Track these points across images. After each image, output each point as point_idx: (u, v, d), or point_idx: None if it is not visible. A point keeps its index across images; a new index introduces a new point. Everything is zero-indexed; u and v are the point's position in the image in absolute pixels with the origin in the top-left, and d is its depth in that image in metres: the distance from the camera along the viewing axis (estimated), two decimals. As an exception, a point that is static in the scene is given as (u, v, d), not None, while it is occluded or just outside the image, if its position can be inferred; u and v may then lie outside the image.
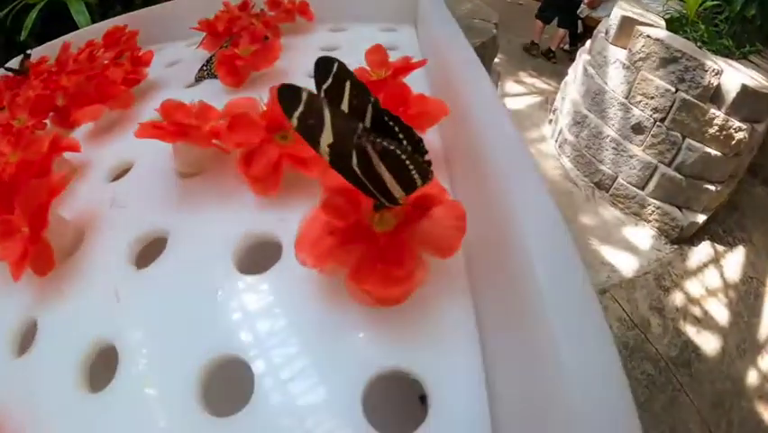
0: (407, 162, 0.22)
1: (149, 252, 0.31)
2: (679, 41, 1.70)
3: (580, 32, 2.90)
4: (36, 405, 0.25)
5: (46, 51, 0.74)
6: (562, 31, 2.93)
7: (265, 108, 0.32)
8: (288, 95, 0.22)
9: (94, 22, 1.26)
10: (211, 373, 0.24)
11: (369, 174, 0.22)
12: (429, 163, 0.23)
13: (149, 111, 0.48)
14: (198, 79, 0.52)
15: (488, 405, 0.22)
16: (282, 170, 0.30)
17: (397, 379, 0.23)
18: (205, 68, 0.51)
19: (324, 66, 0.25)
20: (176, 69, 0.59)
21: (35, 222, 0.30)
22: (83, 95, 0.48)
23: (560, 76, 2.52)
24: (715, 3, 1.86)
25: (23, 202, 0.31)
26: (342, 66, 0.25)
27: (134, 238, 0.31)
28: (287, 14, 0.58)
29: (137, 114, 0.49)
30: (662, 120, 1.71)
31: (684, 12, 1.91)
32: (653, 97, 1.71)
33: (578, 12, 2.82)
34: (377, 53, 0.40)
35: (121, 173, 0.40)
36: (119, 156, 0.42)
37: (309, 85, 0.45)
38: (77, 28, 1.27)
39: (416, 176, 0.22)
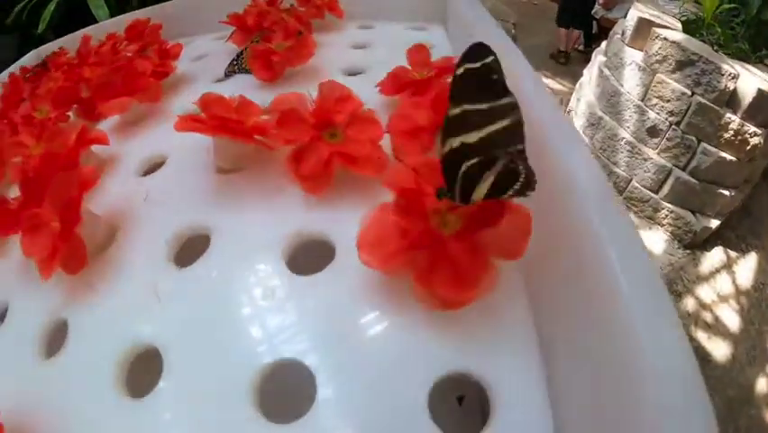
0: (519, 188, 0.21)
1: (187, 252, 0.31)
2: (695, 44, 1.68)
3: (595, 33, 2.89)
4: (70, 410, 0.25)
5: (64, 45, 0.73)
6: (576, 31, 2.91)
7: (314, 104, 0.31)
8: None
9: (112, 16, 1.25)
10: (267, 376, 0.23)
11: (469, 172, 0.21)
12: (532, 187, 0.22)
13: (179, 104, 0.48)
14: (228, 74, 0.51)
15: (550, 411, 0.22)
16: (334, 168, 0.29)
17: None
18: (235, 62, 0.51)
19: (476, 54, 0.21)
20: (203, 63, 0.58)
21: (67, 217, 0.28)
22: (109, 86, 0.47)
23: (574, 77, 2.51)
24: (731, 6, 1.84)
25: (53, 196, 0.30)
26: (496, 62, 0.21)
27: (173, 235, 0.30)
28: (317, 10, 0.57)
29: (166, 107, 0.48)
30: (678, 123, 1.69)
31: (700, 14, 1.89)
32: (668, 100, 1.70)
33: (592, 12, 2.80)
34: (419, 53, 0.40)
35: (152, 168, 0.39)
36: (150, 150, 0.41)
37: (339, 80, 0.44)
38: (95, 22, 1.27)
39: (511, 193, 0.21)
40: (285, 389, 0.24)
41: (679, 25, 1.85)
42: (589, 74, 2.13)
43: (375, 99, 0.40)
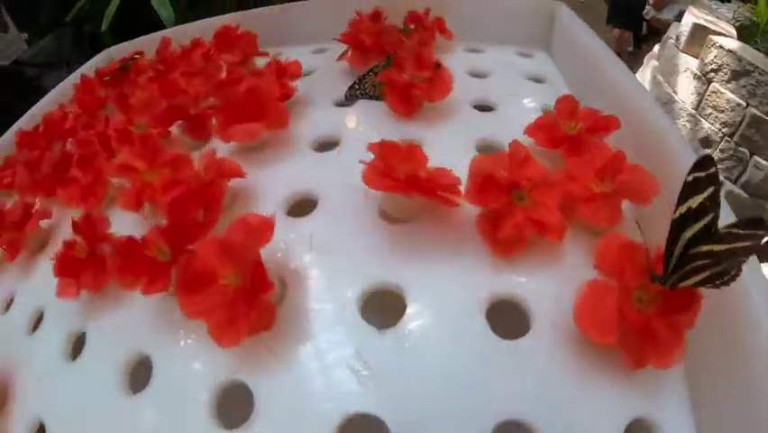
0: (721, 282, 0.23)
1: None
2: (751, 54, 1.64)
3: (644, 34, 2.82)
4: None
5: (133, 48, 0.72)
6: (627, 32, 2.84)
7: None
8: None
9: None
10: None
11: (697, 268, 0.24)
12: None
13: (308, 131, 0.46)
14: (349, 97, 0.50)
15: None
16: (528, 235, 0.29)
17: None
18: (357, 86, 0.50)
19: (702, 164, 0.24)
20: (312, 80, 0.57)
21: (256, 284, 0.27)
22: (233, 108, 0.44)
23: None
24: (787, 12, 1.80)
25: (233, 255, 0.28)
26: (716, 174, 0.24)
27: (362, 292, 0.30)
28: (430, 33, 0.57)
29: (294, 133, 0.46)
30: (731, 135, 1.66)
31: (755, 19, 1.85)
32: (723, 111, 1.67)
33: (643, 13, 2.73)
34: (568, 102, 0.39)
35: (296, 206, 0.38)
36: (292, 186, 0.39)
37: (474, 117, 0.43)
38: (154, 20, 1.25)
39: (713, 285, 0.24)
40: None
41: (734, 31, 1.81)
42: (642, 78, 2.09)
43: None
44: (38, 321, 0.38)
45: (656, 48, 2.09)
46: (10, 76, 1.51)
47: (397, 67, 0.47)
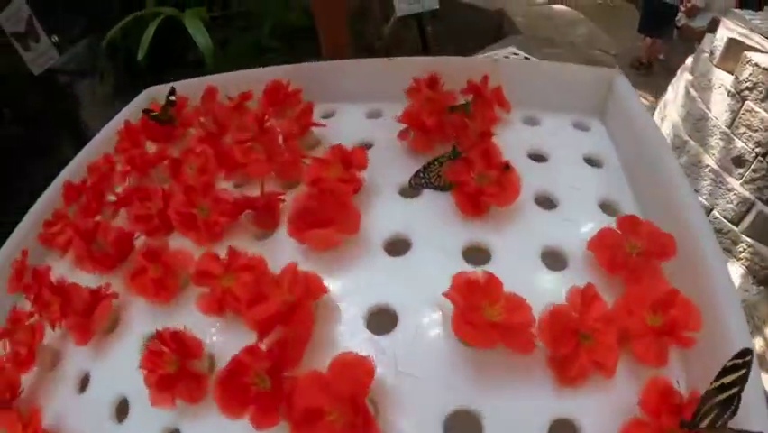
0: None
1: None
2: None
3: (675, 40, 2.79)
4: None
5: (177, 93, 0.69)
6: (659, 41, 2.81)
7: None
8: None
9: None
10: None
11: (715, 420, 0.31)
12: None
13: (373, 230, 0.47)
14: (415, 186, 0.51)
15: None
16: (591, 371, 0.34)
17: None
18: (422, 175, 0.51)
19: (742, 354, 0.31)
20: (373, 157, 0.53)
21: (363, 424, 0.31)
22: (304, 210, 0.46)
23: (654, 88, 2.45)
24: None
25: (337, 396, 0.32)
26: (750, 360, 0.31)
27: (444, 415, 0.34)
28: (491, 110, 0.57)
29: (362, 231, 0.46)
30: (764, 155, 1.67)
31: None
32: (756, 130, 1.67)
33: (675, 20, 2.70)
34: (630, 220, 0.42)
35: (373, 317, 0.41)
36: (370, 299, 0.41)
37: (538, 218, 0.47)
38: (189, 45, 1.25)
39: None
40: None
41: (768, 45, 1.79)
42: (674, 92, 2.09)
43: (579, 253, 0.43)
44: (120, 404, 0.41)
45: (689, 60, 2.07)
46: (42, 83, 1.55)
47: (464, 162, 0.48)
